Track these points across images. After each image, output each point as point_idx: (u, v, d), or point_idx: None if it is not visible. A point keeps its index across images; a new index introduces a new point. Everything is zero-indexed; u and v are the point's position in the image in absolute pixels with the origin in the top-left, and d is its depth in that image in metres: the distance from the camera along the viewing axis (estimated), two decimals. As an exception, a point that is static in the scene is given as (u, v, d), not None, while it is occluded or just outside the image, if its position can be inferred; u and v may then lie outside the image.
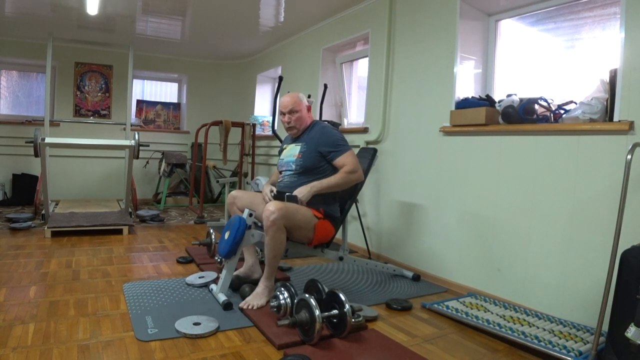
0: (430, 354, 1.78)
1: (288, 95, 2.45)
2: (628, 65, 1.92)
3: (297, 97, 2.43)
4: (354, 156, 2.34)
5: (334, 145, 2.33)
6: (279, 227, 2.08)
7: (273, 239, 2.09)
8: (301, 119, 2.42)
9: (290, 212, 2.12)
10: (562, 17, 2.49)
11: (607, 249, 1.84)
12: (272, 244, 2.11)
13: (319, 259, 3.26)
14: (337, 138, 2.36)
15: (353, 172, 2.30)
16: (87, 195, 5.63)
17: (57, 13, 4.15)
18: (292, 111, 2.40)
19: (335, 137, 2.37)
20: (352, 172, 2.30)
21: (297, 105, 2.41)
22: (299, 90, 4.47)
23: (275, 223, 2.06)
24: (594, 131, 2.02)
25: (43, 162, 3.59)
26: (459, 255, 2.68)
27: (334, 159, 2.33)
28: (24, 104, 5.54)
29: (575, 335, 1.87)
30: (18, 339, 1.72)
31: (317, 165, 2.35)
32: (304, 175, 2.35)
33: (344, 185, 2.30)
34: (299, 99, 2.43)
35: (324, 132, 2.39)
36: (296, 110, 2.40)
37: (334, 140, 2.35)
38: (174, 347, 1.73)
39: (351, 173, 2.29)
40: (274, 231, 2.07)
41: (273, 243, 2.10)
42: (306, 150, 2.37)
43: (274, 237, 2.09)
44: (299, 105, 2.41)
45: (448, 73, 2.79)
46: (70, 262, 2.86)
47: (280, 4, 3.78)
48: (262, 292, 2.17)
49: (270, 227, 2.07)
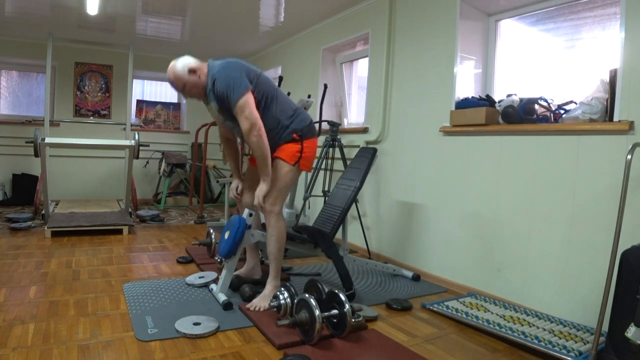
0: (430, 354, 1.78)
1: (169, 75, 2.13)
2: (628, 65, 1.92)
3: (174, 71, 2.10)
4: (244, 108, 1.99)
5: (226, 98, 2.02)
6: (278, 214, 2.08)
7: (275, 228, 2.09)
8: (192, 87, 2.12)
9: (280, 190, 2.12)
10: (562, 17, 2.49)
11: (607, 249, 1.84)
12: (275, 235, 2.10)
13: (319, 259, 3.26)
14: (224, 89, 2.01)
15: (253, 129, 2.00)
16: (87, 195, 5.63)
17: (57, 13, 4.15)
18: (182, 88, 2.13)
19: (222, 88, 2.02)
20: (252, 130, 2.00)
21: (180, 81, 2.10)
22: (299, 90, 4.50)
23: (273, 211, 2.07)
24: (594, 131, 2.02)
25: (43, 162, 3.59)
26: (459, 255, 2.68)
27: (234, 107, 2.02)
28: (24, 104, 5.54)
29: (575, 335, 1.87)
30: (18, 339, 1.72)
31: None
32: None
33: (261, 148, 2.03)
34: (177, 73, 2.09)
35: (216, 85, 2.05)
36: (181, 86, 2.12)
37: (223, 92, 2.02)
38: (174, 347, 1.73)
39: (252, 132, 2.00)
40: (274, 220, 2.08)
41: (277, 233, 2.10)
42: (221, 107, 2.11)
43: (276, 227, 2.09)
44: (181, 79, 2.10)
45: (448, 73, 2.79)
46: (70, 262, 2.86)
47: (280, 4, 3.78)
48: (269, 294, 2.17)
49: (268, 216, 2.08)
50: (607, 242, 1.93)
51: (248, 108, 2.00)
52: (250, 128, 2.00)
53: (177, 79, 2.10)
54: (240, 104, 1.99)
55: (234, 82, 2.01)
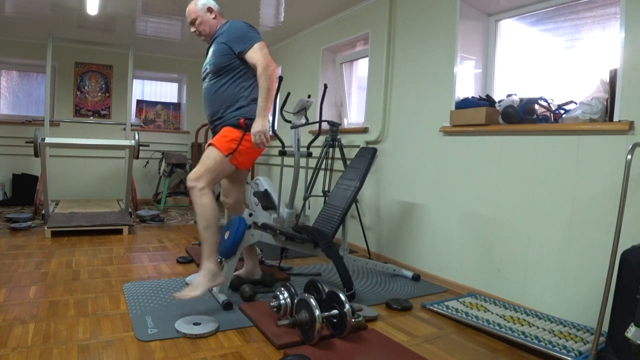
0: (430, 354, 1.78)
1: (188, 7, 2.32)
2: (628, 65, 1.92)
3: (195, 4, 2.29)
4: (263, 48, 2.13)
5: (241, 38, 2.14)
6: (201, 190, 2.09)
7: (197, 205, 2.10)
8: (203, 23, 2.29)
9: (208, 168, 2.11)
10: (562, 17, 2.49)
11: (607, 249, 1.84)
12: (198, 212, 2.11)
13: (319, 259, 3.26)
14: (244, 30, 2.16)
15: (267, 67, 2.09)
16: (87, 195, 5.63)
17: (57, 13, 4.15)
18: (193, 21, 2.30)
19: (242, 29, 2.17)
20: (267, 68, 2.09)
21: (195, 13, 2.29)
22: (299, 91, 4.50)
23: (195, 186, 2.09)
24: (594, 131, 2.02)
25: (43, 162, 3.59)
26: (459, 255, 2.68)
27: (244, 51, 2.14)
28: (24, 104, 5.54)
29: (575, 335, 1.87)
30: (18, 339, 1.72)
31: (229, 63, 2.18)
32: (221, 77, 2.20)
33: (272, 84, 2.10)
34: (196, 6, 2.29)
35: (232, 26, 2.20)
36: (195, 18, 2.29)
37: (241, 32, 2.16)
38: (174, 347, 1.73)
39: (266, 70, 2.08)
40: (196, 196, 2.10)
41: (199, 210, 2.10)
42: (217, 49, 2.21)
43: (198, 204, 2.10)
44: (197, 12, 2.29)
45: (448, 73, 2.79)
46: (70, 262, 2.86)
47: (280, 4, 3.78)
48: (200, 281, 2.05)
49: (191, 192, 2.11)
50: (607, 242, 1.93)
51: (266, 49, 2.13)
52: (267, 65, 2.09)
53: (193, 11, 2.29)
54: (260, 44, 2.13)
55: (252, 30, 2.17)
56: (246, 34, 2.15)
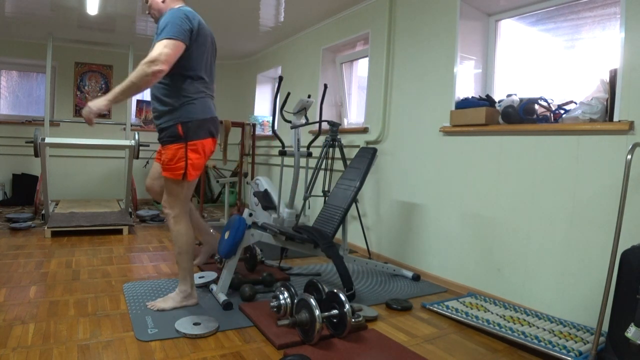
0: (430, 354, 1.78)
1: None
2: (628, 65, 1.92)
3: None
4: (166, 44, 1.86)
5: (162, 29, 1.91)
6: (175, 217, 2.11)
7: (172, 231, 2.13)
8: (152, 6, 2.13)
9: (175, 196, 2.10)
10: (562, 17, 2.49)
11: (607, 249, 1.84)
12: (173, 238, 2.13)
13: (319, 259, 3.26)
14: (168, 21, 1.91)
15: (150, 62, 1.82)
16: (87, 195, 5.63)
17: (57, 13, 4.15)
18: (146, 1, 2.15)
19: (169, 20, 1.92)
20: (149, 62, 1.83)
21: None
22: (299, 91, 4.50)
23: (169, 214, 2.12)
24: (594, 131, 2.02)
25: (43, 162, 3.59)
26: (459, 255, 2.68)
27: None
28: (24, 104, 5.54)
29: (575, 335, 1.87)
30: (18, 339, 1.72)
31: None
32: None
33: (140, 82, 1.84)
34: None
35: (166, 15, 1.97)
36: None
37: (165, 23, 1.92)
38: (174, 347, 1.73)
39: (147, 64, 1.82)
40: (172, 224, 2.12)
41: (174, 237, 2.12)
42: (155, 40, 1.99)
43: (173, 230, 2.12)
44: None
45: (448, 73, 2.79)
46: (70, 262, 2.86)
47: (280, 4, 3.78)
48: (173, 297, 2.13)
49: (167, 218, 2.14)
50: (607, 242, 1.93)
51: (171, 50, 1.86)
52: (154, 61, 1.83)
53: None
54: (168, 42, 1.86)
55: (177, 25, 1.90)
56: (166, 26, 1.90)
